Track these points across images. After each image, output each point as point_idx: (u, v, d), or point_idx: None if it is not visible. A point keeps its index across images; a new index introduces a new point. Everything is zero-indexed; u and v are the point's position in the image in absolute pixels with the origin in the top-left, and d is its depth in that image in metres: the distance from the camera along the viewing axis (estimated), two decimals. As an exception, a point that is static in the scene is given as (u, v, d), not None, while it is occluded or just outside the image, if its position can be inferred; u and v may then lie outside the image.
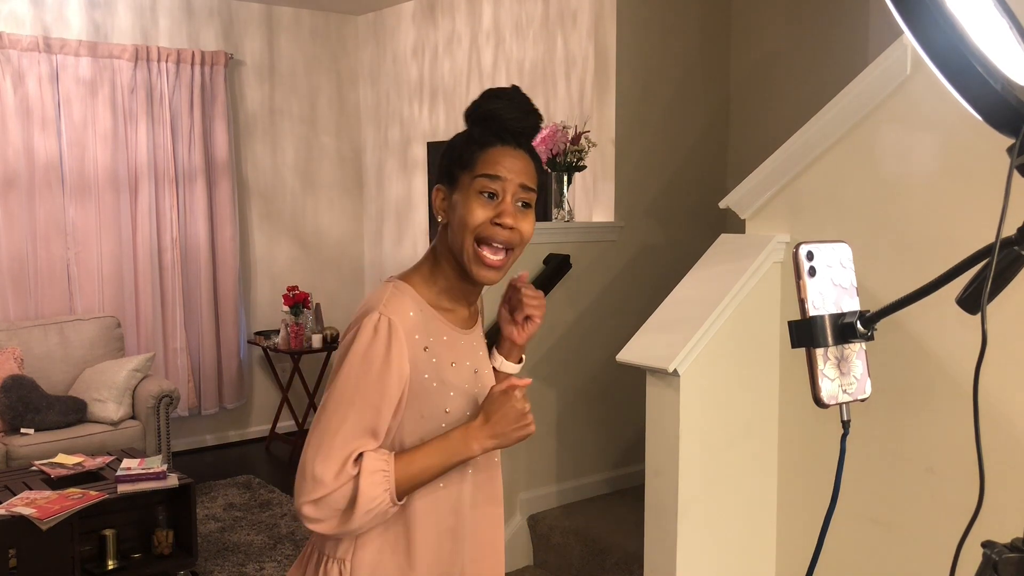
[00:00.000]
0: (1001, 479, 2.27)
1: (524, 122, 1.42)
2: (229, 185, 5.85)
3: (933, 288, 0.88)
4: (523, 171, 1.40)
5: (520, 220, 1.38)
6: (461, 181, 1.39)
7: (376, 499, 1.29)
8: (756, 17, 4.30)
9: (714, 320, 2.68)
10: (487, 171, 1.37)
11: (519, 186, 1.39)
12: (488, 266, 1.37)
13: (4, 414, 4.59)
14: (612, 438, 4.11)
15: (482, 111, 1.43)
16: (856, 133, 2.62)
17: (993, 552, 0.88)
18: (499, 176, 1.37)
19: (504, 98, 1.42)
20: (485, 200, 1.37)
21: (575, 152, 3.82)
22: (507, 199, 1.38)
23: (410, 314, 1.36)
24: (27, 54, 5.14)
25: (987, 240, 0.84)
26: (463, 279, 1.42)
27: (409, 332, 1.35)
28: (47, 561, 3.41)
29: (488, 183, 1.37)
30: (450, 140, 1.46)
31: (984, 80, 0.80)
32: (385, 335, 1.32)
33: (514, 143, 1.41)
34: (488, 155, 1.38)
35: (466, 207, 1.37)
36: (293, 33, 6.20)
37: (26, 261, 5.21)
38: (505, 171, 1.37)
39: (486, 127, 1.42)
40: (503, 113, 1.41)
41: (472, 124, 1.45)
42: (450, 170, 1.42)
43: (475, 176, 1.38)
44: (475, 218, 1.36)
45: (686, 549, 2.71)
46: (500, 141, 1.40)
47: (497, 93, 1.43)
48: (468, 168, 1.39)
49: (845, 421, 0.92)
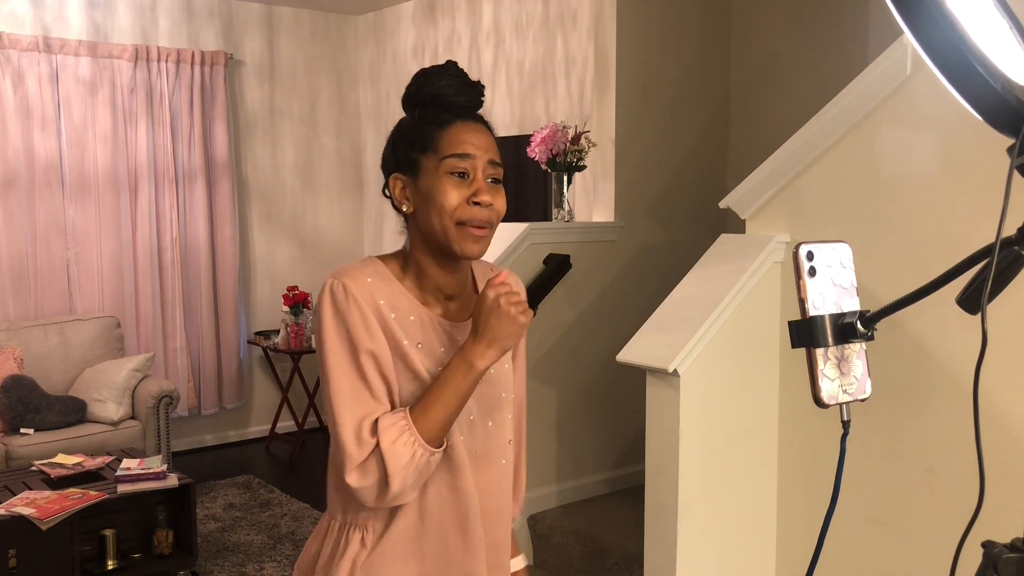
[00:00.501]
0: (1001, 479, 2.27)
1: (471, 94, 1.37)
2: (229, 185, 5.86)
3: (933, 288, 0.88)
4: (488, 146, 1.35)
5: (495, 197, 1.33)
6: (424, 165, 1.33)
7: (403, 455, 1.26)
8: (756, 17, 4.30)
9: (714, 320, 2.68)
10: (455, 150, 1.31)
11: (488, 162, 1.34)
12: (475, 238, 1.32)
13: (4, 414, 4.59)
14: (612, 438, 4.10)
15: (426, 92, 1.36)
16: (856, 133, 2.62)
17: (993, 552, 0.88)
18: (468, 154, 1.32)
19: (445, 75, 1.36)
20: (457, 180, 1.31)
21: (575, 152, 3.82)
22: (479, 176, 1.32)
23: (367, 280, 1.32)
24: (27, 54, 5.14)
25: (987, 240, 0.84)
26: (440, 266, 1.37)
27: (368, 297, 1.31)
28: (47, 561, 3.41)
29: (458, 162, 1.31)
30: (396, 127, 1.40)
31: (984, 80, 0.80)
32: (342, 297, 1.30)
33: (471, 118, 1.36)
34: (450, 133, 1.32)
35: (439, 191, 1.31)
36: (293, 33, 6.20)
37: (26, 261, 5.21)
38: (473, 148, 1.32)
39: (436, 106, 1.35)
40: (449, 89, 1.35)
41: (415, 107, 1.38)
42: (407, 156, 1.35)
43: (442, 157, 1.31)
44: (451, 200, 1.30)
45: (686, 549, 2.71)
46: (458, 117, 1.34)
47: (436, 71, 1.37)
48: (431, 150, 1.32)
49: (845, 421, 0.92)
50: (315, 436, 6.03)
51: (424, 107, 1.36)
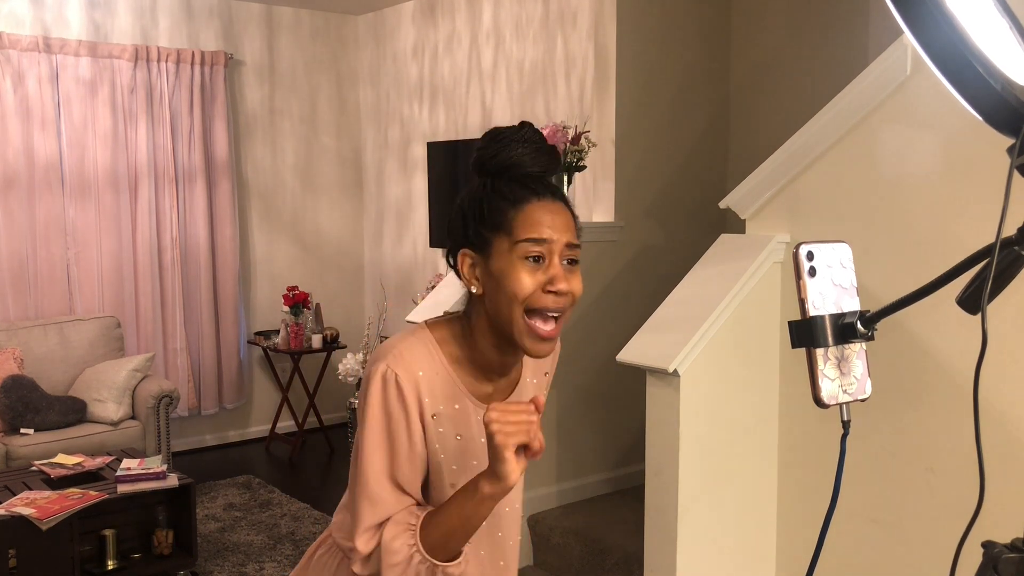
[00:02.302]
0: (1001, 479, 2.27)
1: (550, 165, 1.27)
2: (229, 185, 5.86)
3: (933, 288, 0.88)
4: (566, 227, 1.24)
5: (572, 282, 1.24)
6: (496, 246, 1.23)
7: (399, 553, 1.22)
8: (756, 17, 4.30)
9: (714, 320, 2.69)
10: (530, 235, 1.21)
11: (565, 245, 1.23)
12: (543, 339, 1.24)
13: (4, 414, 4.59)
14: (612, 438, 4.11)
15: (499, 161, 1.25)
16: (856, 133, 2.62)
17: (993, 552, 0.88)
18: (544, 239, 1.21)
19: (521, 141, 1.25)
20: (531, 265, 1.21)
21: (575, 152, 3.82)
22: (555, 261, 1.22)
23: (419, 373, 1.25)
24: (27, 54, 5.14)
25: (987, 240, 0.84)
26: (501, 352, 1.29)
27: (415, 392, 1.25)
28: (47, 561, 3.41)
29: (532, 247, 1.21)
30: (466, 195, 1.30)
31: (984, 80, 0.80)
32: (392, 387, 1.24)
33: (549, 195, 1.25)
34: (525, 214, 1.22)
35: (512, 277, 1.21)
36: (293, 33, 6.20)
37: (26, 261, 5.21)
38: (549, 231, 1.22)
39: (510, 178, 1.25)
40: (526, 159, 1.25)
41: (488, 176, 1.28)
42: (478, 232, 1.25)
43: (516, 241, 1.21)
44: (525, 288, 1.21)
45: (686, 549, 2.71)
46: (535, 195, 1.24)
47: (511, 136, 1.26)
48: (503, 231, 1.22)
49: (845, 421, 0.92)
50: (315, 436, 6.03)
51: (497, 177, 1.26)
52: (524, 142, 1.25)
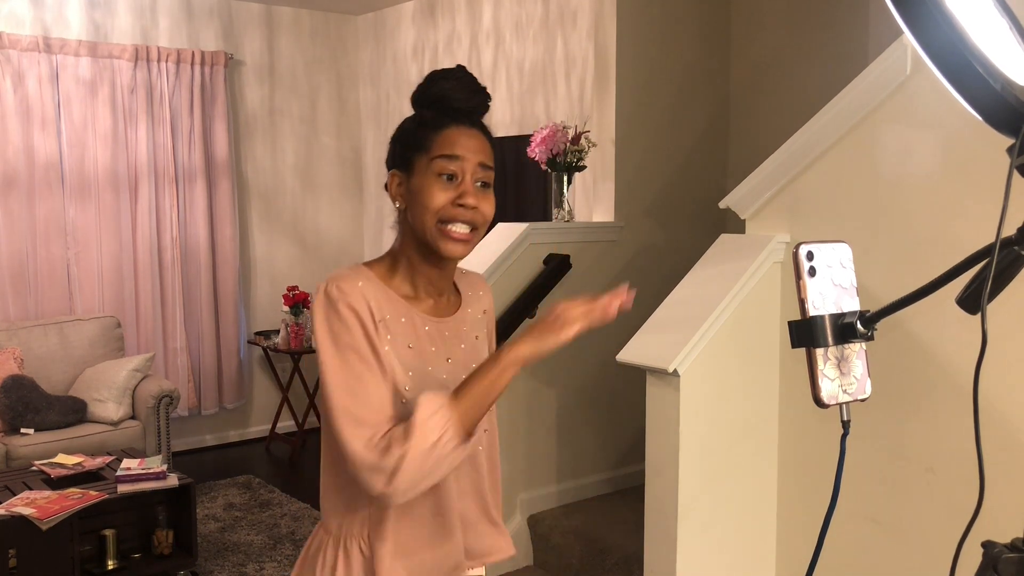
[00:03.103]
0: (1001, 479, 2.27)
1: (474, 100, 1.41)
2: (229, 185, 5.86)
3: (933, 288, 0.88)
4: (480, 149, 1.38)
5: (481, 200, 1.37)
6: (417, 164, 1.38)
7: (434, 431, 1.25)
8: (756, 17, 4.30)
9: (714, 320, 2.68)
10: (444, 151, 1.36)
11: (477, 164, 1.37)
12: (455, 239, 1.36)
13: (4, 414, 4.59)
14: (612, 438, 4.10)
15: (431, 93, 1.40)
16: (856, 133, 2.62)
17: (993, 552, 0.88)
18: (457, 156, 1.36)
19: (452, 78, 1.41)
20: (444, 182, 1.36)
21: (575, 152, 3.82)
22: (467, 179, 1.36)
23: (359, 283, 1.36)
24: (27, 54, 5.14)
25: (987, 240, 0.84)
26: (428, 262, 1.41)
27: (359, 300, 1.34)
28: (47, 561, 3.41)
29: (447, 164, 1.35)
30: (400, 124, 1.45)
31: (984, 80, 0.80)
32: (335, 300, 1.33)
33: (468, 122, 1.39)
34: (444, 135, 1.37)
35: (427, 191, 1.35)
36: (293, 33, 6.20)
37: (26, 261, 5.21)
38: (462, 150, 1.36)
39: (438, 108, 1.40)
40: (453, 93, 1.39)
41: (421, 107, 1.43)
42: (404, 154, 1.40)
43: (432, 158, 1.36)
44: (436, 201, 1.35)
45: (686, 549, 2.71)
46: (454, 121, 1.38)
47: (444, 74, 1.41)
48: (424, 150, 1.37)
49: (845, 421, 0.92)
50: (315, 436, 6.01)
51: (428, 108, 1.41)
52: (455, 79, 1.40)
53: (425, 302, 1.44)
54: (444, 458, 1.27)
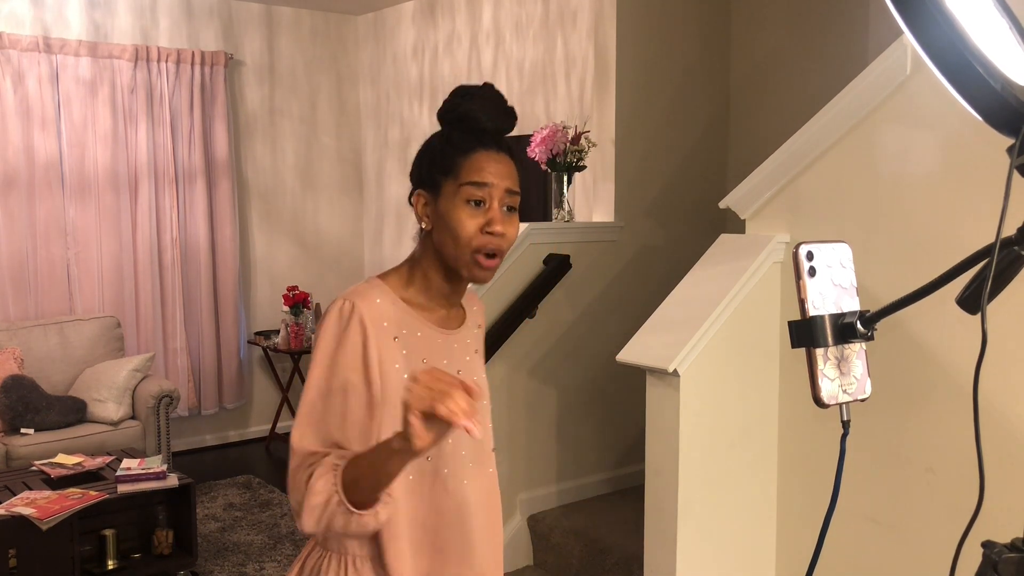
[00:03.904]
0: (1001, 479, 2.27)
1: (502, 122, 1.41)
2: (229, 185, 5.86)
3: (933, 288, 0.88)
4: (507, 175, 1.39)
5: (508, 226, 1.38)
6: (444, 188, 1.38)
7: (320, 494, 1.25)
8: (756, 17, 4.30)
9: (714, 320, 2.68)
10: (473, 179, 1.36)
11: (505, 191, 1.38)
12: (485, 268, 1.38)
13: (4, 414, 4.59)
14: (612, 438, 4.10)
15: (458, 112, 1.40)
16: (856, 133, 2.62)
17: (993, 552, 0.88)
18: (486, 183, 1.36)
19: (479, 97, 1.40)
20: (472, 208, 1.36)
21: (575, 152, 3.82)
22: (494, 206, 1.37)
23: (376, 300, 1.36)
24: (27, 54, 5.14)
25: (987, 240, 0.84)
26: (447, 280, 1.42)
27: (375, 319, 1.34)
28: (47, 561, 3.41)
29: (475, 191, 1.36)
30: (426, 142, 1.45)
31: (984, 80, 0.80)
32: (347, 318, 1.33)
33: (495, 146, 1.40)
34: (472, 161, 1.37)
35: (455, 218, 1.36)
36: (293, 33, 6.20)
37: (26, 261, 5.21)
38: (491, 176, 1.37)
39: (464, 129, 1.40)
40: (480, 114, 1.39)
41: (447, 125, 1.43)
42: (431, 175, 1.40)
43: (460, 184, 1.36)
44: (466, 229, 1.35)
45: (686, 549, 2.71)
46: (481, 145, 1.38)
47: (471, 92, 1.41)
48: (451, 175, 1.37)
49: (845, 421, 0.92)
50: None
51: (454, 127, 1.41)
52: (482, 98, 1.40)
53: (437, 313, 1.45)
54: (336, 516, 1.26)
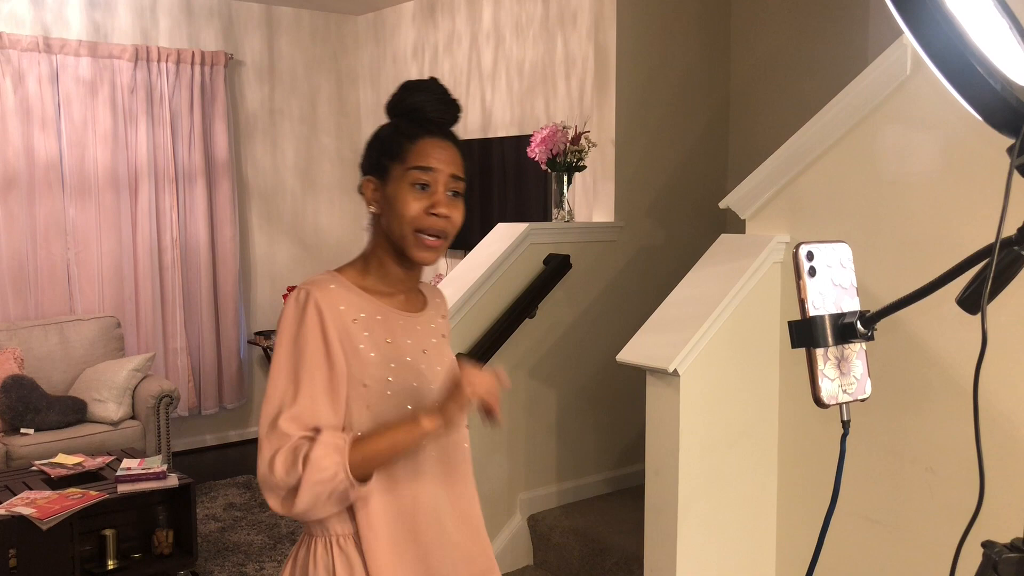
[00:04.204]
0: (1001, 479, 2.27)
1: (447, 113, 1.49)
2: (229, 185, 5.86)
3: (933, 288, 0.88)
4: (452, 161, 1.46)
5: (452, 209, 1.45)
6: (392, 173, 1.45)
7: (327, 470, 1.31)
8: (756, 17, 4.30)
9: (714, 320, 2.68)
10: (419, 163, 1.43)
11: (450, 176, 1.45)
12: (427, 247, 1.45)
13: (4, 414, 4.59)
14: (612, 438, 4.10)
15: (406, 104, 1.48)
16: (856, 133, 2.62)
17: (993, 552, 0.88)
18: (431, 167, 1.43)
19: (425, 90, 1.49)
20: (418, 191, 1.43)
21: (575, 152, 3.82)
22: (439, 190, 1.44)
23: (331, 287, 1.43)
24: (27, 54, 5.14)
25: (987, 240, 0.84)
26: (399, 264, 1.49)
27: (331, 304, 1.40)
28: (47, 561, 3.41)
29: (420, 175, 1.43)
30: (375, 132, 1.51)
31: (984, 80, 0.80)
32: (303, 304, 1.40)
33: (440, 134, 1.47)
34: (418, 147, 1.44)
35: (401, 200, 1.43)
36: (293, 33, 6.20)
37: (26, 261, 5.21)
38: (436, 162, 1.44)
39: (412, 119, 1.47)
40: (426, 105, 1.47)
41: (395, 117, 1.50)
42: (380, 162, 1.47)
43: (407, 168, 1.43)
44: (411, 210, 1.43)
45: (686, 549, 2.71)
46: (428, 133, 1.46)
47: (417, 85, 1.49)
48: (399, 160, 1.44)
49: (845, 421, 0.92)
50: (315, 436, 6.02)
51: (402, 118, 1.49)
52: (427, 91, 1.49)
53: (396, 298, 1.51)
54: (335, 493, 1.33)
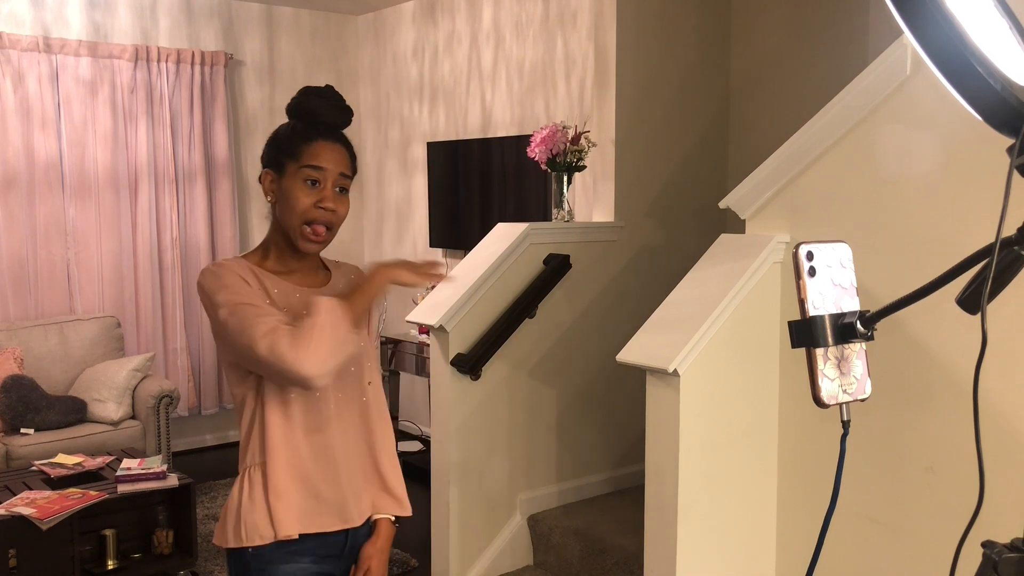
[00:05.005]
0: (1001, 479, 2.27)
1: (340, 118, 1.70)
2: (229, 185, 5.86)
3: (933, 288, 0.88)
4: (340, 161, 1.67)
5: (339, 204, 1.67)
6: (287, 169, 1.65)
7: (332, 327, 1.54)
8: (756, 17, 4.30)
9: (714, 320, 2.68)
10: (311, 162, 1.64)
11: (338, 174, 1.66)
12: (313, 241, 1.66)
13: (4, 414, 4.59)
14: (612, 438, 4.11)
15: (303, 108, 1.68)
16: (856, 133, 2.62)
17: (993, 552, 0.88)
18: (321, 167, 1.64)
19: (321, 96, 1.69)
20: (309, 187, 1.64)
21: (575, 152, 3.82)
22: (327, 186, 1.65)
23: (232, 265, 1.64)
24: (27, 54, 5.14)
25: (987, 240, 0.84)
26: (292, 249, 1.70)
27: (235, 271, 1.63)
28: (47, 561, 3.41)
29: (312, 172, 1.64)
30: (276, 130, 1.72)
31: (984, 80, 0.80)
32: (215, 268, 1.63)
33: (332, 137, 1.68)
34: (311, 148, 1.64)
35: (294, 194, 1.64)
36: (293, 33, 6.20)
37: (26, 261, 5.21)
38: (326, 162, 1.65)
39: (308, 122, 1.67)
40: (321, 110, 1.67)
41: (294, 118, 1.70)
42: (277, 158, 1.67)
43: (301, 166, 1.64)
44: (301, 203, 1.63)
45: (686, 549, 2.71)
46: (320, 136, 1.66)
47: (315, 91, 1.70)
48: (294, 158, 1.64)
49: (845, 421, 0.92)
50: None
51: (300, 120, 1.69)
52: (324, 98, 1.69)
53: (294, 276, 1.71)
54: (345, 339, 1.55)
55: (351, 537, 1.75)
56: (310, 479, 1.67)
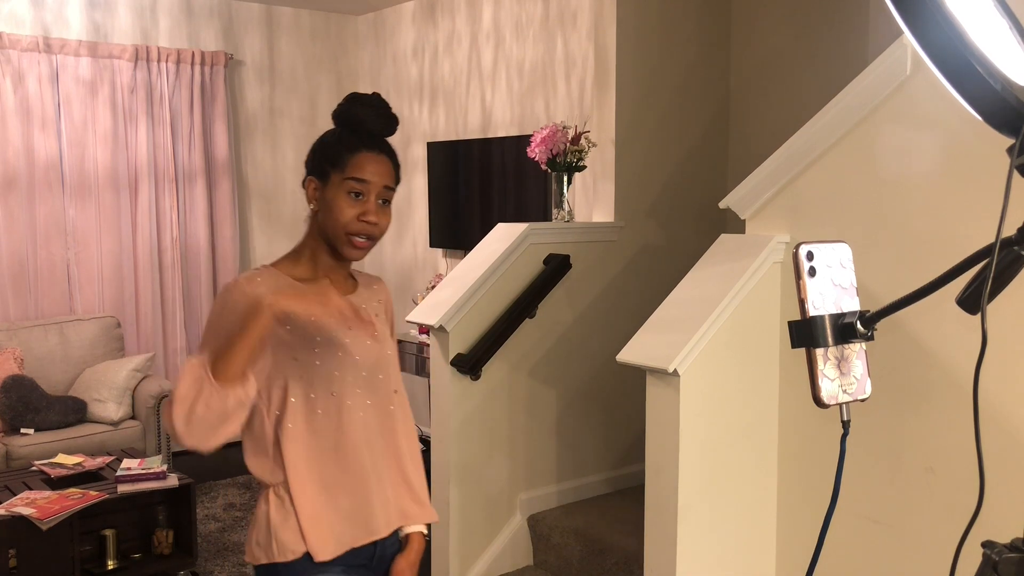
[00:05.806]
0: (1001, 479, 2.27)
1: (387, 128, 1.68)
2: (229, 185, 5.86)
3: (933, 288, 0.88)
4: (385, 173, 1.66)
5: (381, 216, 1.65)
6: (332, 179, 1.63)
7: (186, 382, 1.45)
8: (756, 17, 4.30)
9: (714, 320, 2.68)
10: (355, 175, 1.62)
11: (382, 187, 1.65)
12: (357, 248, 1.64)
13: (4, 414, 4.59)
14: (612, 438, 4.10)
15: (349, 116, 1.67)
16: (856, 133, 2.62)
17: (993, 552, 0.88)
18: (365, 179, 1.62)
19: (368, 105, 1.67)
20: (353, 199, 1.62)
21: (575, 152, 3.82)
22: (371, 199, 1.63)
23: (257, 279, 1.62)
24: (27, 54, 5.14)
25: (987, 240, 0.84)
26: (331, 255, 1.69)
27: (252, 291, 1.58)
28: (47, 561, 3.41)
29: (355, 185, 1.62)
30: (321, 137, 1.70)
31: (984, 80, 0.80)
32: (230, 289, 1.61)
33: (378, 148, 1.66)
34: (356, 159, 1.63)
35: (337, 205, 1.62)
36: (293, 33, 6.20)
37: (26, 261, 5.21)
38: (370, 175, 1.63)
39: (353, 131, 1.66)
40: (368, 118, 1.66)
41: (339, 125, 1.69)
42: (322, 166, 1.65)
43: (345, 178, 1.62)
44: (345, 215, 1.62)
45: (686, 549, 2.71)
46: (366, 147, 1.64)
47: (362, 100, 1.68)
48: (339, 169, 1.63)
49: (845, 421, 0.92)
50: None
51: (345, 128, 1.67)
52: (370, 106, 1.67)
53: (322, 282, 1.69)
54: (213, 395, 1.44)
55: (379, 547, 1.75)
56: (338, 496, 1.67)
